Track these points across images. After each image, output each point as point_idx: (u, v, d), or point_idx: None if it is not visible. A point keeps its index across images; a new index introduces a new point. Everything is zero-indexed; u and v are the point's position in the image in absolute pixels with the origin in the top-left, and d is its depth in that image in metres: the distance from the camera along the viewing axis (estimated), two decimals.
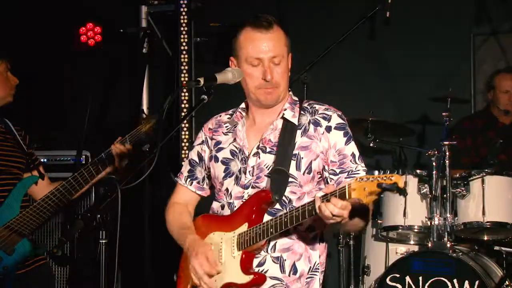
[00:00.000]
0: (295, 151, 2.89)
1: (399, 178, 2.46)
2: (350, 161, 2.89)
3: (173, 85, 6.19)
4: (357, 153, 2.92)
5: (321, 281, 2.97)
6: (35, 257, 3.96)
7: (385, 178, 2.46)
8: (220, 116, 3.15)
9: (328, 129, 2.91)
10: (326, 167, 2.91)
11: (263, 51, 2.91)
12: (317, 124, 2.93)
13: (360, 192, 2.50)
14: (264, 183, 2.91)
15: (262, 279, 2.84)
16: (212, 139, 3.10)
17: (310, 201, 2.68)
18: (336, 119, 2.93)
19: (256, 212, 2.86)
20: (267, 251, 2.89)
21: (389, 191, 2.46)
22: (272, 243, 2.88)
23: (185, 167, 3.20)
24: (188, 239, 2.99)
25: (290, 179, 2.88)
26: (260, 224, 2.80)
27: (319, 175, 2.94)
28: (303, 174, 2.90)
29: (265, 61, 2.91)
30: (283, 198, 2.89)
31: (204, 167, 3.14)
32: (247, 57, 2.92)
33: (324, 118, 2.93)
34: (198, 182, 3.18)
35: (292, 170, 2.88)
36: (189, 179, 3.18)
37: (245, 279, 2.82)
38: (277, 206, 2.89)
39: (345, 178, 2.86)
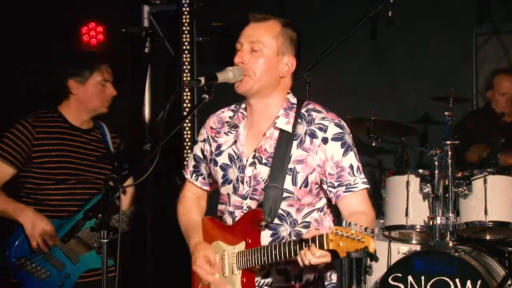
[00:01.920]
0: (291, 165, 2.83)
1: (369, 240, 2.41)
2: (348, 173, 2.82)
3: (175, 84, 6.19)
4: (355, 164, 2.84)
5: (325, 284, 2.95)
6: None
7: (357, 238, 2.40)
8: (223, 112, 3.10)
9: (325, 140, 2.83)
10: (324, 180, 2.85)
11: (245, 36, 2.90)
12: (313, 135, 2.85)
13: (336, 245, 2.47)
14: (261, 196, 2.88)
15: None
16: (214, 140, 3.06)
17: (296, 241, 2.64)
18: (333, 129, 2.84)
19: (251, 232, 2.84)
20: (271, 265, 2.86)
21: (359, 257, 2.44)
22: None
23: (191, 162, 3.18)
24: (191, 244, 3.00)
25: (287, 194, 2.84)
26: (256, 249, 2.77)
27: (317, 186, 2.89)
28: (300, 188, 2.85)
29: (243, 45, 2.89)
30: (282, 212, 2.85)
31: (207, 164, 3.11)
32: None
33: (320, 128, 2.85)
34: (204, 178, 3.16)
35: (288, 184, 2.83)
36: (194, 175, 3.17)
37: None
38: (276, 220, 2.86)
39: (343, 192, 2.82)
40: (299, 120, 2.88)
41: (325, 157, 2.83)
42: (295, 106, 2.93)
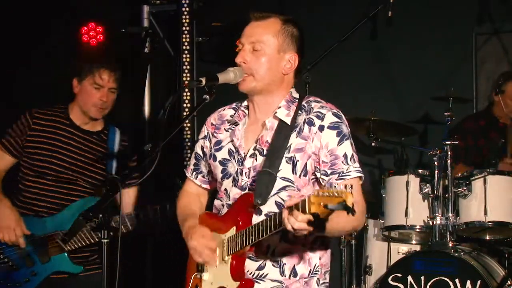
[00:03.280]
0: (291, 154, 2.84)
1: (347, 195, 2.37)
2: (342, 162, 2.81)
3: (175, 84, 6.19)
4: (349, 153, 2.83)
5: (320, 282, 2.94)
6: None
7: (336, 194, 2.37)
8: (224, 110, 3.10)
9: (321, 128, 2.83)
10: (318, 167, 2.85)
11: (245, 35, 2.90)
12: (310, 123, 2.86)
13: (317, 206, 2.42)
14: None
15: (249, 284, 2.84)
16: (214, 136, 3.07)
17: (280, 211, 2.62)
18: (330, 118, 2.85)
19: (242, 215, 2.84)
20: (266, 255, 2.87)
21: (338, 210, 2.41)
22: (272, 248, 2.86)
23: (192, 160, 3.20)
24: (185, 227, 3.00)
25: (287, 183, 2.84)
26: (244, 230, 2.78)
27: (313, 176, 2.89)
28: (299, 177, 2.85)
29: (245, 45, 2.89)
30: (281, 201, 2.85)
31: (207, 161, 3.12)
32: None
33: (317, 117, 2.86)
34: (203, 176, 3.17)
35: (289, 173, 2.84)
36: (194, 173, 3.18)
37: (234, 284, 2.82)
38: (274, 209, 2.85)
39: (336, 179, 2.81)
40: (299, 112, 2.90)
41: (320, 144, 2.83)
42: (297, 100, 2.95)
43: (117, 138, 4.14)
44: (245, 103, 3.04)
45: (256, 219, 2.84)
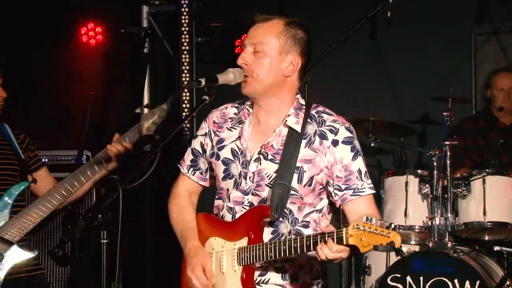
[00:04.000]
0: (298, 164, 2.83)
1: (395, 236, 2.41)
2: (356, 177, 2.83)
3: (174, 85, 6.20)
4: (363, 170, 2.85)
5: (320, 286, 2.95)
6: (32, 265, 3.94)
7: (382, 233, 2.41)
8: (226, 108, 3.07)
9: (335, 143, 2.83)
10: (331, 182, 2.85)
11: (248, 37, 2.90)
12: (323, 136, 2.85)
13: (357, 240, 2.47)
14: (264, 192, 2.87)
15: None
16: (216, 134, 3.04)
17: (309, 236, 2.64)
18: (343, 133, 2.85)
19: (255, 228, 2.83)
20: (269, 262, 2.86)
21: (384, 251, 2.42)
22: None
23: (188, 156, 3.13)
24: (188, 246, 2.96)
25: (292, 192, 2.84)
26: (261, 245, 2.77)
27: (321, 187, 2.89)
28: (304, 186, 2.85)
29: (246, 47, 2.89)
30: (284, 209, 2.84)
31: (206, 159, 3.09)
32: None
33: (331, 131, 2.85)
34: (201, 173, 3.12)
35: (294, 182, 2.83)
36: (191, 169, 3.12)
37: None
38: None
39: (350, 195, 2.83)
40: (308, 120, 2.88)
41: (334, 159, 2.83)
42: (304, 107, 2.93)
43: (9, 130, 4.09)
44: (249, 102, 3.01)
45: (266, 231, 2.85)
